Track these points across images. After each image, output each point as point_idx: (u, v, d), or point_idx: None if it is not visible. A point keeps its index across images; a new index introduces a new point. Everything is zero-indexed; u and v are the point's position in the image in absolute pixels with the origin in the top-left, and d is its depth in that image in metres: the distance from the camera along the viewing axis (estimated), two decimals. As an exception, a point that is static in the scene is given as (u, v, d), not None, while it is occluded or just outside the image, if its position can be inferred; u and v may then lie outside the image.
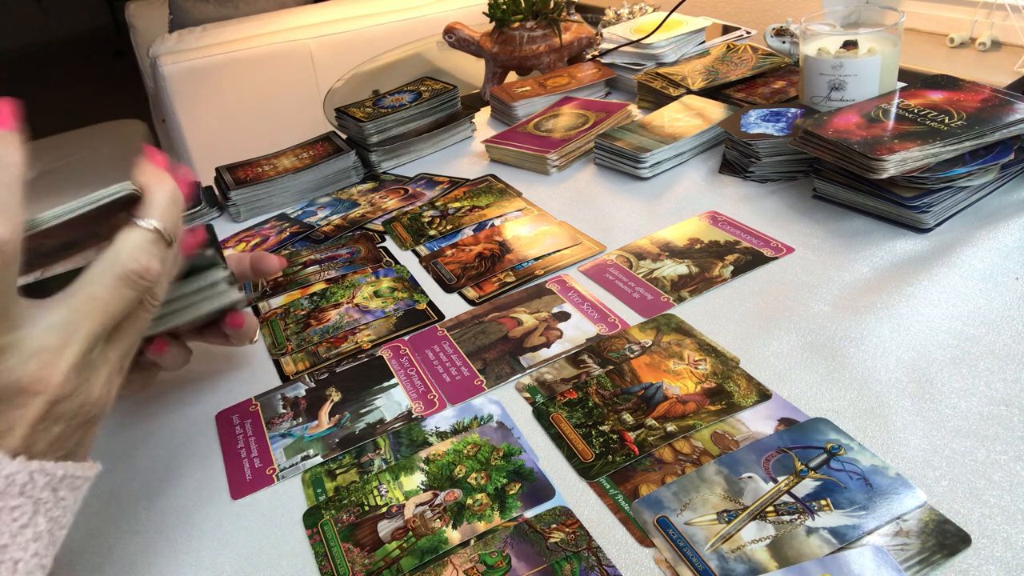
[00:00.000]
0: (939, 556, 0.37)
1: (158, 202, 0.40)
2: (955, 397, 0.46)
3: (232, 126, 2.01)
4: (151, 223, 0.39)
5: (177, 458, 0.53)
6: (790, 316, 0.56)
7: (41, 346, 0.35)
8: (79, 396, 0.36)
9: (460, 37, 1.17)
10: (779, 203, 0.71)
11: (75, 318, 0.36)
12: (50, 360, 0.35)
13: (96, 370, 0.37)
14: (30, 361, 0.34)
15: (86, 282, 0.37)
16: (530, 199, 0.80)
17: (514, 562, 0.41)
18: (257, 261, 0.59)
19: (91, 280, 0.37)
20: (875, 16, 0.81)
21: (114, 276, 0.37)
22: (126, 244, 0.38)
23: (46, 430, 0.35)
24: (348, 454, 0.51)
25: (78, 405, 0.36)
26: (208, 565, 0.44)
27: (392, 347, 0.60)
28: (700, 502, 0.42)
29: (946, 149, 0.61)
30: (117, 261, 0.38)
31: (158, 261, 0.39)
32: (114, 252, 0.38)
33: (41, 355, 0.35)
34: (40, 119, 4.15)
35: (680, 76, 0.97)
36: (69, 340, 0.35)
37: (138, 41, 2.92)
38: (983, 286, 0.55)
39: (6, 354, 0.34)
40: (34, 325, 0.35)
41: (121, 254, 0.38)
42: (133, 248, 0.38)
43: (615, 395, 0.51)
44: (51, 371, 0.35)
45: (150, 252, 0.38)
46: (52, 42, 5.84)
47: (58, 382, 0.35)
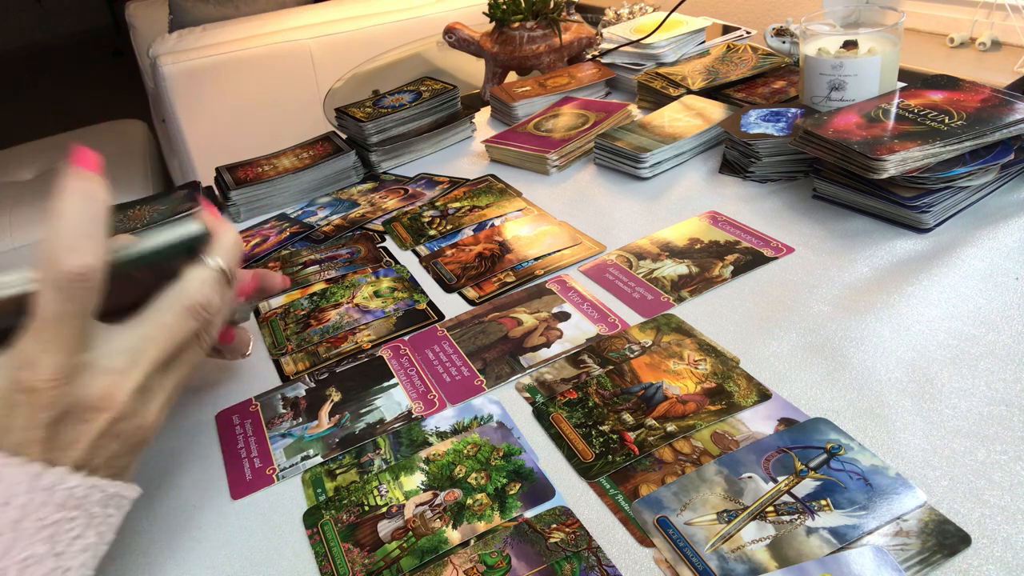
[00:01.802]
0: (939, 556, 0.37)
1: (224, 245, 0.43)
2: (955, 397, 0.46)
3: (232, 126, 2.01)
4: (218, 262, 0.42)
5: (177, 458, 0.53)
6: (790, 316, 0.56)
7: (110, 367, 0.38)
8: (137, 417, 0.39)
9: (460, 37, 1.17)
10: (779, 203, 0.71)
11: (142, 344, 0.39)
12: (117, 381, 0.38)
13: (154, 394, 0.40)
14: (100, 380, 0.37)
15: (155, 311, 0.40)
16: (530, 199, 0.80)
17: (514, 562, 0.41)
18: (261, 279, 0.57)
19: (160, 309, 0.40)
20: (875, 16, 0.81)
21: (181, 306, 0.40)
22: (194, 279, 0.41)
23: (104, 447, 0.38)
24: (348, 454, 0.51)
25: (135, 426, 0.39)
26: (208, 565, 0.44)
27: (392, 347, 0.60)
28: (700, 502, 0.42)
29: (946, 149, 0.61)
30: (185, 293, 0.41)
31: (219, 297, 0.42)
32: (182, 285, 0.41)
33: (110, 375, 0.38)
34: (40, 119, 4.15)
35: (680, 76, 0.97)
36: (135, 363, 0.38)
37: (138, 41, 2.91)
38: (983, 286, 0.55)
39: (79, 372, 0.37)
40: (106, 347, 0.38)
41: (189, 287, 0.41)
42: (200, 283, 0.41)
43: (615, 395, 0.51)
44: (117, 391, 0.38)
45: (214, 288, 0.42)
46: (52, 42, 5.84)
47: (122, 401, 0.38)
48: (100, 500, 0.38)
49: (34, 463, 0.36)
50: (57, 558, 0.35)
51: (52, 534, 0.35)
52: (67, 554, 0.36)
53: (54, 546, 0.35)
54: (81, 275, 0.35)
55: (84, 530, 0.37)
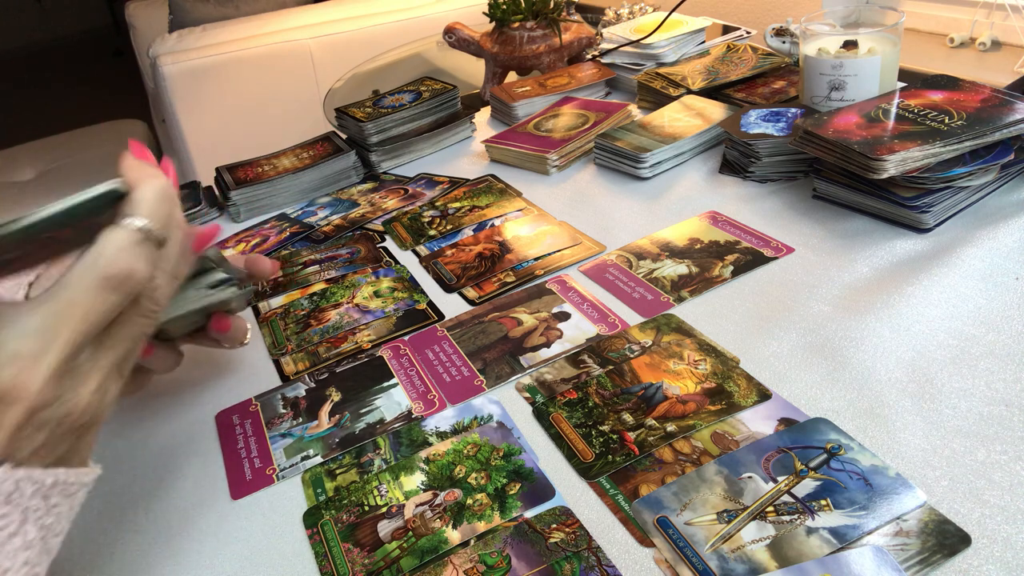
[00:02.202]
0: (939, 556, 0.37)
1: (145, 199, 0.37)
2: (955, 397, 0.46)
3: (232, 126, 2.01)
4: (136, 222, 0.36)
5: (177, 458, 0.53)
6: (790, 316, 0.56)
7: (16, 351, 0.33)
8: (63, 404, 0.34)
9: (460, 37, 1.17)
10: (779, 203, 0.71)
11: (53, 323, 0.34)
12: (26, 367, 0.33)
13: (83, 377, 0.35)
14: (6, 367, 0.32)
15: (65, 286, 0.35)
16: (530, 199, 0.80)
17: (514, 562, 0.41)
18: (251, 264, 0.57)
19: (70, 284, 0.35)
20: (875, 16, 0.81)
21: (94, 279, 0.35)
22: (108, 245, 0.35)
23: (28, 438, 0.33)
24: (348, 454, 0.51)
25: (63, 413, 0.34)
26: (208, 565, 0.44)
27: (392, 347, 0.60)
28: (700, 502, 0.42)
29: (946, 149, 0.61)
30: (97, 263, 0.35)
31: (144, 262, 0.36)
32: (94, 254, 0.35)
33: (16, 361, 0.33)
34: (40, 119, 4.15)
35: (680, 76, 0.97)
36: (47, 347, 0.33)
37: (138, 41, 2.91)
38: (983, 286, 0.55)
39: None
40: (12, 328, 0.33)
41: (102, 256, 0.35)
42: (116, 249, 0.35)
43: (615, 395, 0.51)
44: (28, 378, 0.33)
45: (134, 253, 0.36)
46: (52, 42, 5.84)
47: (36, 389, 0.33)
48: (35, 492, 0.33)
49: None
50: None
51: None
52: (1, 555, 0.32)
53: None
54: None
55: (20, 527, 0.33)
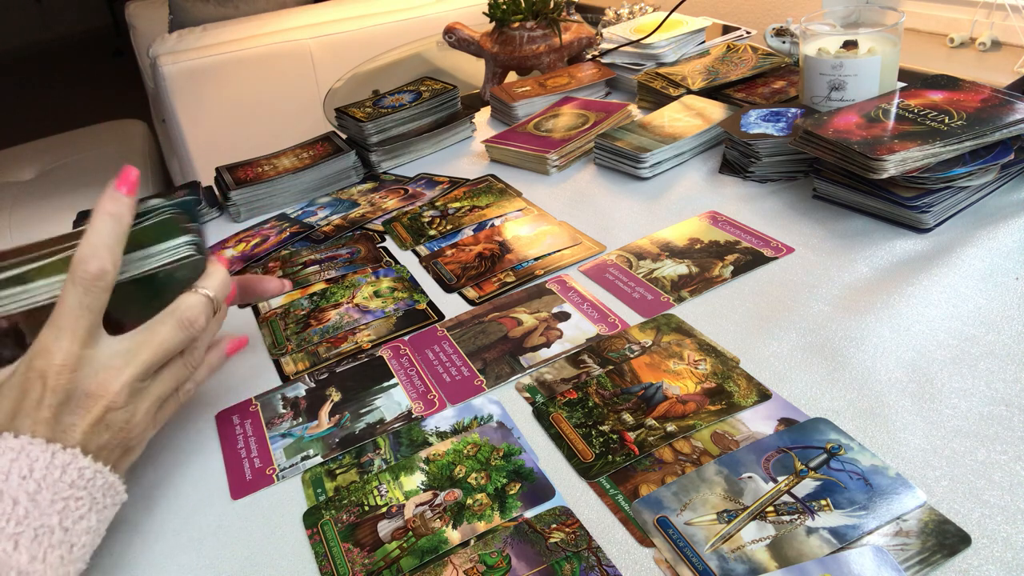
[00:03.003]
0: (939, 556, 0.37)
1: (215, 279, 0.50)
2: (955, 397, 0.46)
3: (232, 126, 2.01)
4: (207, 291, 0.49)
5: (177, 458, 0.53)
6: (790, 316, 0.56)
7: (108, 363, 0.44)
8: (126, 412, 0.44)
9: (460, 37, 1.17)
10: (779, 203, 0.71)
11: (137, 348, 0.45)
12: (112, 375, 0.44)
13: (142, 396, 0.46)
14: (99, 373, 0.43)
15: (152, 321, 0.47)
16: (530, 199, 0.80)
17: (514, 562, 0.41)
18: (256, 284, 0.61)
19: (156, 320, 0.47)
20: (875, 16, 0.81)
21: (172, 319, 0.47)
22: (187, 299, 0.48)
23: (98, 434, 0.43)
24: (348, 454, 0.51)
25: (124, 420, 0.44)
26: (208, 565, 0.44)
27: (392, 347, 0.60)
28: (700, 502, 0.42)
29: (946, 149, 0.61)
30: (177, 309, 0.47)
31: (205, 319, 0.48)
32: (176, 303, 0.48)
33: (108, 371, 0.44)
34: (40, 119, 4.15)
35: (680, 76, 0.97)
36: (129, 363, 0.44)
37: (138, 41, 2.91)
38: (983, 286, 0.55)
39: (84, 363, 0.43)
40: (107, 347, 0.44)
41: (181, 304, 0.48)
42: (191, 303, 0.48)
43: (615, 395, 0.51)
44: (111, 382, 0.43)
45: (202, 310, 0.48)
46: (52, 42, 5.84)
47: (115, 391, 0.43)
48: (102, 486, 0.42)
49: (53, 444, 0.40)
50: (65, 532, 0.39)
51: (62, 508, 0.39)
52: (73, 531, 0.40)
53: (62, 520, 0.39)
54: (97, 275, 0.43)
55: (87, 512, 0.41)
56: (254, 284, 0.61)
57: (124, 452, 0.45)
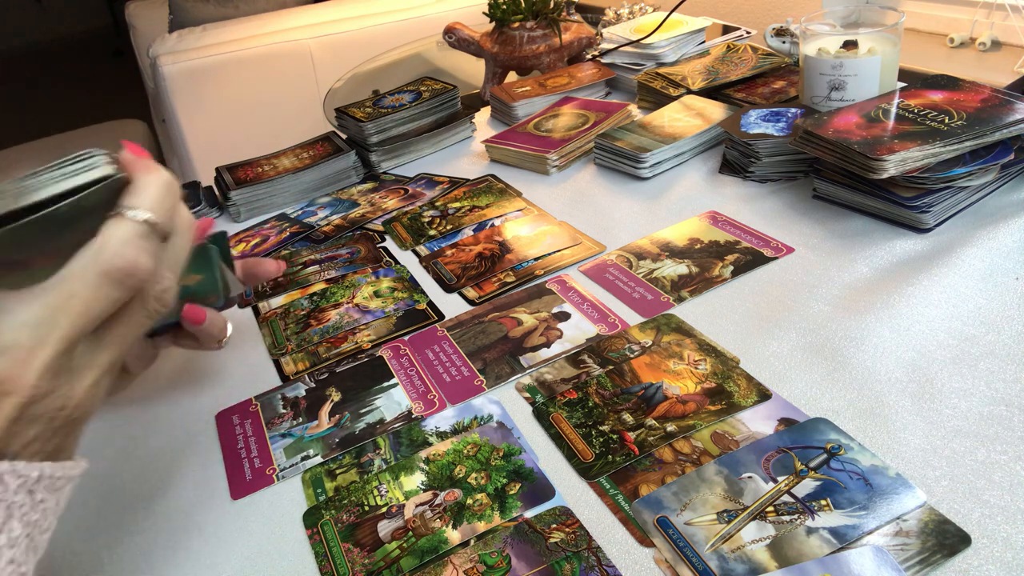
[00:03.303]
0: (939, 556, 0.37)
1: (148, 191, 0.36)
2: (955, 397, 0.46)
3: (232, 126, 2.01)
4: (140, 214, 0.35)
5: (177, 458, 0.53)
6: (790, 316, 0.56)
7: (12, 343, 0.32)
8: (57, 399, 0.33)
9: (460, 37, 1.17)
10: (779, 203, 0.71)
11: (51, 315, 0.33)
12: (22, 359, 0.32)
13: (79, 373, 0.34)
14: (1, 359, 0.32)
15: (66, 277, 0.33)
16: (530, 199, 0.80)
17: (514, 562, 0.41)
18: (254, 267, 0.56)
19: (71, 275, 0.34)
20: (875, 16, 0.81)
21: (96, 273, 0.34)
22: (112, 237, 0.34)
23: (19, 433, 0.33)
24: (348, 454, 0.51)
25: (56, 408, 0.34)
26: (208, 565, 0.44)
27: (392, 347, 0.60)
28: (700, 502, 0.42)
29: (946, 149, 0.61)
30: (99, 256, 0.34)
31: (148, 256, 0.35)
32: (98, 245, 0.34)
33: (12, 353, 0.32)
34: (40, 119, 4.15)
35: (680, 76, 0.97)
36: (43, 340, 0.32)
37: (138, 41, 2.91)
38: (983, 286, 0.55)
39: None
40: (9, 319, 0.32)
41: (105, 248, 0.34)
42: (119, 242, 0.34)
43: (615, 395, 0.51)
44: (22, 371, 0.32)
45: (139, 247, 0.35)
46: (52, 42, 5.84)
47: (30, 383, 0.32)
48: (20, 487, 0.32)
49: None
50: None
51: None
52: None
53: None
54: None
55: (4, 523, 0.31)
56: (253, 267, 0.56)
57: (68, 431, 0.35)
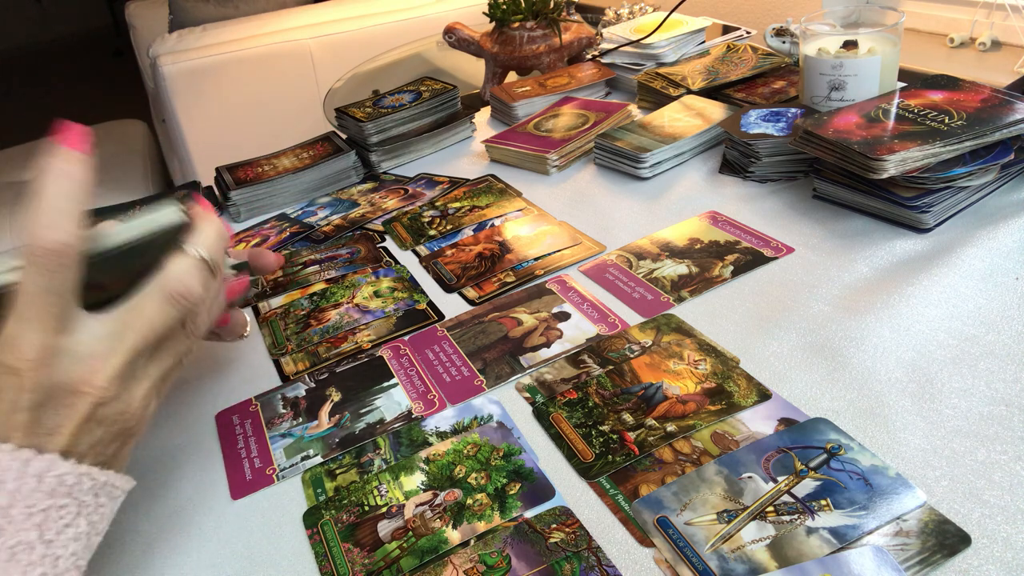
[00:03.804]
0: (939, 556, 0.37)
1: (206, 235, 0.43)
2: (955, 397, 0.46)
3: (232, 126, 2.01)
4: (198, 251, 0.42)
5: (177, 458, 0.53)
6: (790, 316, 0.56)
7: (91, 352, 0.38)
8: (120, 403, 0.39)
9: (460, 37, 1.17)
10: (779, 203, 0.71)
11: (122, 330, 0.39)
12: (97, 365, 0.38)
13: (137, 382, 0.40)
14: (80, 365, 0.38)
15: (136, 298, 0.40)
16: (530, 199, 0.80)
17: (514, 562, 0.41)
18: (254, 258, 0.58)
19: (140, 296, 0.41)
20: (875, 16, 0.81)
21: (160, 294, 0.41)
22: (175, 267, 0.42)
23: (89, 433, 0.38)
24: (348, 454, 0.51)
25: (118, 411, 0.39)
26: (208, 565, 0.44)
27: (392, 347, 0.60)
28: (700, 502, 0.42)
29: (946, 149, 0.61)
30: (164, 281, 0.41)
31: (200, 286, 0.42)
32: (163, 273, 0.41)
33: (90, 360, 0.38)
34: (40, 119, 4.15)
35: (680, 76, 0.97)
36: (115, 349, 0.39)
37: (138, 41, 2.91)
38: (983, 286, 0.55)
39: (59, 355, 0.37)
40: (86, 332, 0.38)
41: (168, 275, 0.41)
42: (180, 271, 0.41)
43: (615, 395, 0.51)
44: (97, 375, 0.38)
45: (195, 276, 0.42)
46: (52, 42, 5.84)
47: (103, 385, 0.38)
48: (90, 488, 0.38)
49: (24, 449, 0.36)
50: (47, 546, 0.35)
51: (41, 521, 0.35)
52: (57, 542, 0.36)
53: (43, 533, 0.35)
54: (56, 251, 0.36)
55: (74, 519, 0.37)
56: (255, 258, 0.57)
57: (123, 442, 0.41)
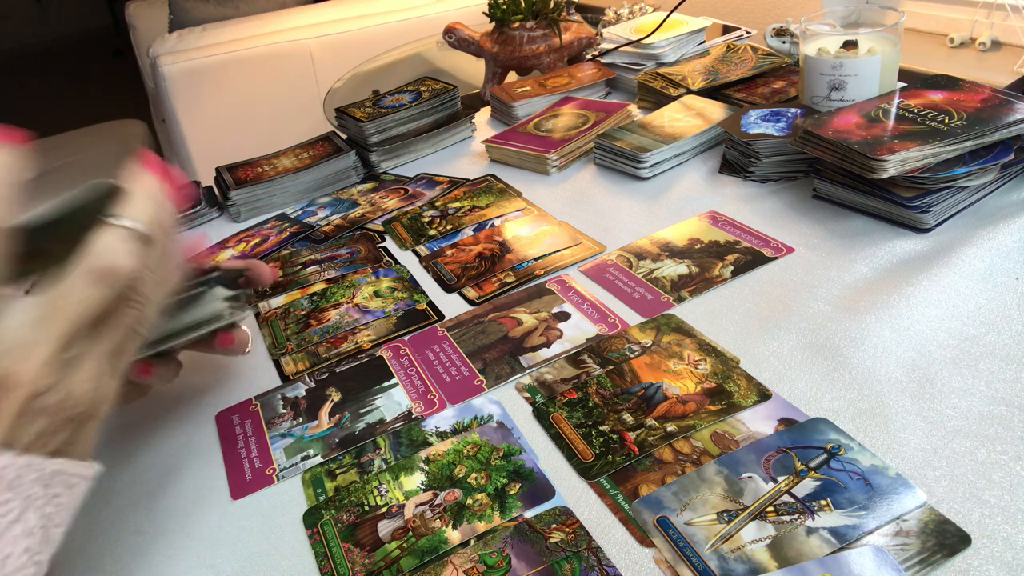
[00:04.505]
0: (939, 556, 0.37)
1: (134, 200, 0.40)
2: (955, 397, 0.46)
3: (232, 126, 2.01)
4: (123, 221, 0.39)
5: (177, 458, 0.53)
6: (790, 316, 0.56)
7: (14, 342, 0.35)
8: (59, 391, 0.36)
9: (460, 37, 1.17)
10: (779, 203, 0.71)
11: (47, 314, 0.36)
12: (23, 354, 0.35)
13: (78, 366, 0.37)
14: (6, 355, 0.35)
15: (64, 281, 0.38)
16: (530, 199, 0.80)
17: (514, 562, 0.41)
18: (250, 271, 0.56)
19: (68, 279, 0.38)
20: (875, 16, 0.81)
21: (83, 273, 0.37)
22: (97, 243, 0.38)
23: (28, 425, 0.35)
24: (348, 454, 0.51)
25: (59, 400, 0.36)
26: (208, 565, 0.44)
27: (392, 347, 0.60)
28: (700, 502, 0.42)
29: (946, 149, 0.61)
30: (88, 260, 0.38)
31: (130, 258, 0.39)
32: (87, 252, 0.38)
33: (14, 351, 0.35)
34: (40, 119, 4.15)
35: (680, 76, 0.97)
36: (42, 336, 0.36)
37: (138, 41, 2.92)
38: (983, 286, 0.55)
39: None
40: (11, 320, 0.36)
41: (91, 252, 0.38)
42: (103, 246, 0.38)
43: (615, 395, 0.51)
44: (24, 366, 0.35)
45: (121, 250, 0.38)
46: (52, 42, 5.84)
47: (31, 377, 0.35)
48: (37, 479, 0.35)
49: None
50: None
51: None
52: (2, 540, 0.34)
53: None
54: None
55: (22, 513, 0.34)
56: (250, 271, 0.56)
57: (77, 427, 0.38)
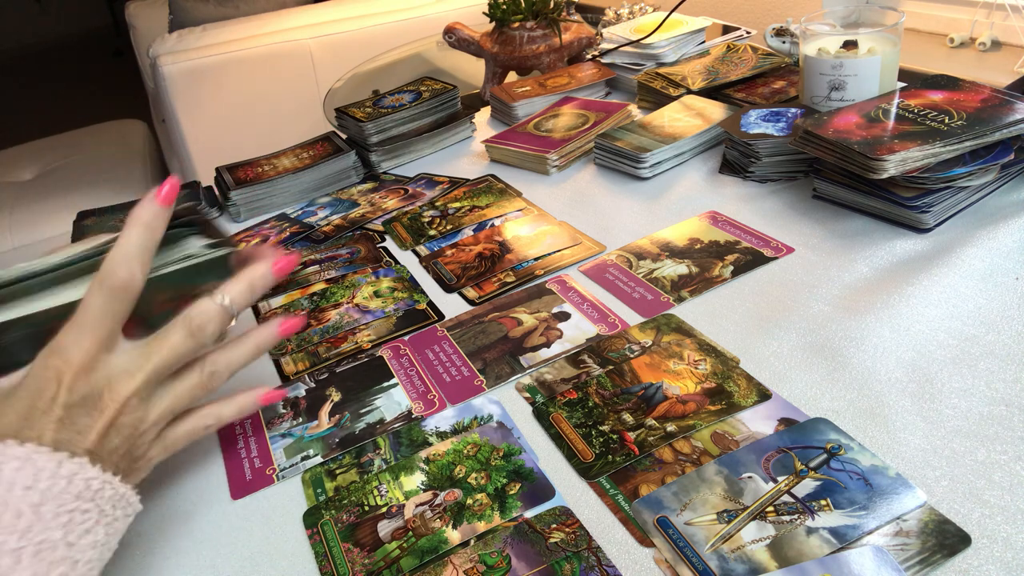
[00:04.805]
0: (939, 556, 0.37)
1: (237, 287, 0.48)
2: (955, 397, 0.46)
3: (232, 126, 2.01)
4: (225, 300, 0.47)
5: (177, 458, 0.53)
6: (790, 316, 0.56)
7: (123, 368, 0.44)
8: (136, 414, 0.44)
9: (460, 37, 1.17)
10: (779, 203, 0.71)
11: (148, 353, 0.45)
12: (124, 379, 0.44)
13: (153, 403, 0.45)
14: (113, 377, 0.43)
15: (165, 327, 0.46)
16: (530, 199, 0.80)
17: (514, 562, 0.41)
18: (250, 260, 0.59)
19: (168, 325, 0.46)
20: (875, 16, 0.81)
21: (183, 325, 0.46)
22: (200, 305, 0.47)
23: (109, 439, 0.43)
24: (348, 454, 0.51)
25: (134, 423, 0.44)
26: (208, 565, 0.44)
27: (392, 347, 0.60)
28: (700, 502, 0.42)
29: (946, 149, 0.61)
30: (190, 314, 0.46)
31: (218, 325, 0.47)
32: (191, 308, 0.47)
33: (121, 374, 0.44)
34: (40, 119, 4.15)
35: (680, 76, 0.97)
36: (141, 368, 0.44)
37: (138, 41, 2.91)
38: (983, 286, 0.55)
39: (99, 367, 0.43)
40: (123, 353, 0.44)
41: (194, 310, 0.47)
42: (203, 310, 0.47)
43: (615, 395, 0.51)
44: (122, 386, 0.43)
45: (213, 318, 0.47)
46: (52, 42, 5.84)
47: (125, 397, 0.43)
48: (111, 497, 0.41)
49: (59, 452, 0.39)
50: (69, 548, 0.38)
51: (67, 523, 0.38)
52: (78, 546, 0.38)
53: (67, 535, 0.38)
54: (125, 285, 0.43)
55: (95, 525, 0.39)
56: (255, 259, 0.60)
57: (132, 462, 0.44)
